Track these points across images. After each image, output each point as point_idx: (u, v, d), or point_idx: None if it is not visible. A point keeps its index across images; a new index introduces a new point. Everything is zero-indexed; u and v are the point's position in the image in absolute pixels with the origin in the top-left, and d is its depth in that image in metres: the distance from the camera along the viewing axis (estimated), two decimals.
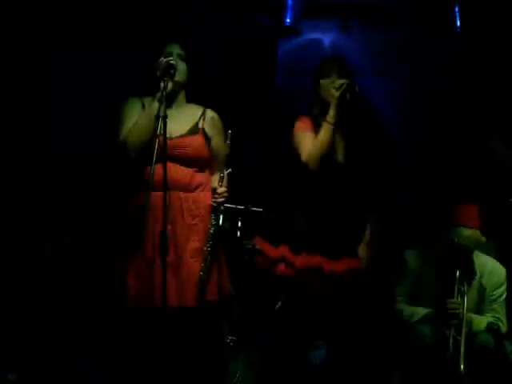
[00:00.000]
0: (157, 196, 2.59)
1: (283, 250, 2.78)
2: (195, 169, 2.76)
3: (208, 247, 2.70)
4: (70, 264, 3.55)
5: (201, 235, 2.73)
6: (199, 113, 2.83)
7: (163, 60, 2.60)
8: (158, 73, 2.58)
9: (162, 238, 2.45)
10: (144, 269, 2.66)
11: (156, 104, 2.55)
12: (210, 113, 2.85)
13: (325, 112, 2.77)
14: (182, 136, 2.73)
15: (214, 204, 2.74)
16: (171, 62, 2.60)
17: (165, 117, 2.44)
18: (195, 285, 2.69)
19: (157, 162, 2.45)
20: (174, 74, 2.61)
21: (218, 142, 2.83)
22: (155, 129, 2.49)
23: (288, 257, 2.76)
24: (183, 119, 2.78)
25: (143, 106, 2.74)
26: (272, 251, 2.81)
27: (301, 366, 3.08)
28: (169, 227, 2.62)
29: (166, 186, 2.46)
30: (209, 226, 2.74)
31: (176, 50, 2.74)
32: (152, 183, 2.44)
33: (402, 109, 3.92)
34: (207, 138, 2.80)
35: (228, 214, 3.62)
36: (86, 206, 3.66)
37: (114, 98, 2.94)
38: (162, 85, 2.54)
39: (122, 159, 2.68)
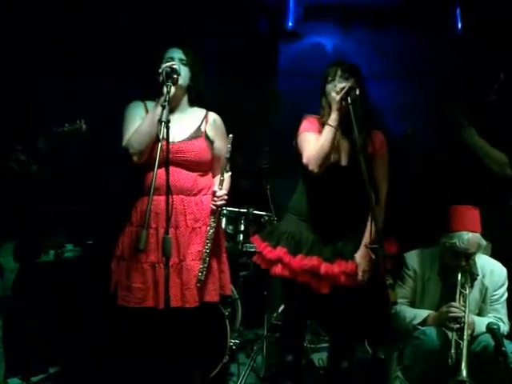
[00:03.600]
0: (160, 200, 2.62)
1: (280, 252, 2.77)
2: (198, 173, 2.78)
3: (207, 249, 2.73)
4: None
5: (203, 238, 2.75)
6: (201, 116, 2.84)
7: (166, 65, 2.61)
8: (161, 78, 2.58)
9: (165, 241, 2.46)
10: (149, 271, 2.68)
11: (159, 109, 2.54)
12: (212, 115, 2.86)
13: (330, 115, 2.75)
14: (184, 140, 2.74)
15: (214, 207, 2.76)
16: (174, 66, 2.61)
17: (167, 122, 2.45)
18: (196, 286, 2.72)
19: (160, 166, 2.46)
20: (176, 79, 2.62)
21: (219, 144, 2.83)
22: (158, 134, 2.50)
23: (285, 258, 2.75)
24: (186, 123, 2.79)
25: (146, 109, 2.76)
26: (269, 252, 2.80)
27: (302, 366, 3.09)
28: (172, 230, 2.66)
29: (168, 190, 2.48)
30: (208, 229, 2.76)
31: (178, 54, 2.75)
32: (154, 187, 2.44)
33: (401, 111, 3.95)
34: (210, 141, 2.81)
35: (231, 217, 3.68)
36: (90, 210, 3.67)
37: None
38: (165, 90, 2.55)
39: (126, 162, 2.70)
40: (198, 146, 2.76)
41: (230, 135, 2.78)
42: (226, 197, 2.78)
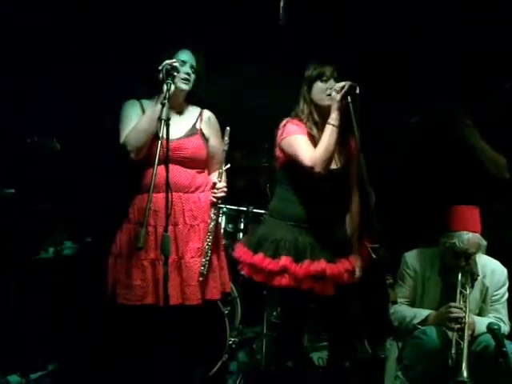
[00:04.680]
0: (159, 198, 2.61)
1: (285, 261, 2.66)
2: (195, 170, 2.79)
3: (208, 242, 2.73)
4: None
5: (201, 235, 2.76)
6: (196, 114, 2.85)
7: (166, 62, 2.60)
8: (161, 75, 2.58)
9: (164, 239, 2.46)
10: (149, 268, 2.68)
11: (159, 106, 2.55)
12: (206, 113, 2.87)
13: (315, 115, 2.73)
14: (180, 138, 2.75)
15: (214, 199, 2.76)
16: (174, 64, 2.61)
17: (168, 120, 2.46)
18: (196, 283, 2.71)
19: (159, 164, 2.46)
20: (176, 77, 2.62)
21: (215, 141, 2.86)
22: (158, 131, 2.51)
23: (291, 268, 2.65)
24: (182, 121, 2.80)
25: (142, 108, 2.76)
26: (270, 264, 2.68)
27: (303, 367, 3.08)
28: (170, 228, 2.64)
29: (168, 187, 2.47)
30: (209, 221, 2.76)
31: (191, 60, 2.75)
32: (154, 185, 2.45)
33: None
34: (205, 139, 2.82)
35: (231, 215, 3.67)
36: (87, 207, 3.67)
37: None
38: (165, 87, 2.55)
39: (124, 160, 2.69)
40: (194, 143, 2.77)
41: (227, 128, 2.80)
42: (225, 189, 2.79)
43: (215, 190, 2.76)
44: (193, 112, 2.85)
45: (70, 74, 3.66)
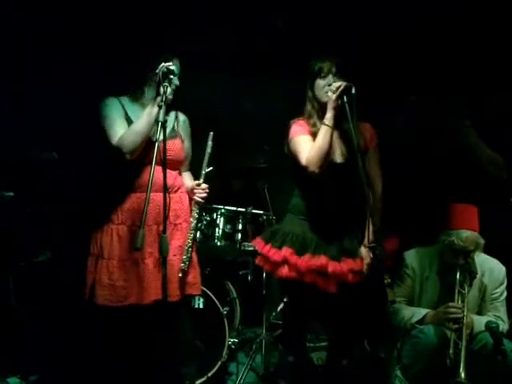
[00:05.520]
0: (144, 198, 2.60)
1: (286, 252, 2.75)
2: (177, 171, 2.87)
3: (190, 239, 2.78)
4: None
5: (183, 234, 2.82)
6: (173, 116, 2.89)
7: (163, 65, 2.60)
8: (158, 78, 2.59)
9: (162, 240, 2.47)
10: (132, 268, 2.70)
11: (155, 109, 2.59)
12: (181, 116, 2.93)
13: (319, 112, 2.76)
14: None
15: (199, 199, 2.83)
16: (171, 67, 2.61)
17: (164, 122, 2.46)
18: (177, 280, 2.75)
19: (147, 165, 2.50)
20: (172, 79, 2.63)
21: (188, 144, 2.94)
22: (154, 133, 2.52)
23: (291, 259, 2.73)
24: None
25: (122, 106, 2.77)
26: (274, 254, 2.78)
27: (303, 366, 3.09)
28: (155, 227, 2.72)
29: (166, 188, 2.48)
30: (191, 220, 2.81)
31: (179, 72, 2.77)
32: (140, 185, 2.54)
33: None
34: (182, 141, 2.88)
35: (229, 216, 3.68)
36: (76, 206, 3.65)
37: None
38: (161, 90, 2.56)
39: (117, 161, 2.69)
40: (176, 145, 2.83)
41: (211, 132, 2.86)
42: (208, 190, 2.85)
43: (200, 190, 2.83)
44: (170, 114, 2.88)
45: (63, 74, 3.66)
